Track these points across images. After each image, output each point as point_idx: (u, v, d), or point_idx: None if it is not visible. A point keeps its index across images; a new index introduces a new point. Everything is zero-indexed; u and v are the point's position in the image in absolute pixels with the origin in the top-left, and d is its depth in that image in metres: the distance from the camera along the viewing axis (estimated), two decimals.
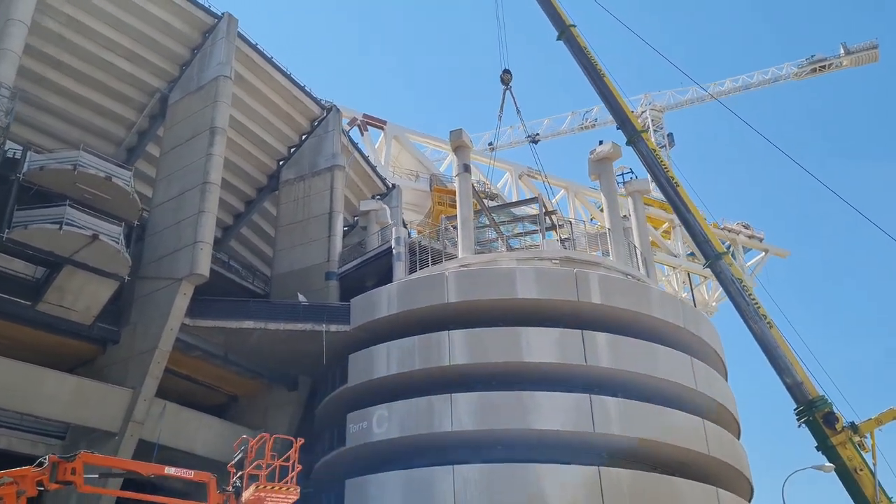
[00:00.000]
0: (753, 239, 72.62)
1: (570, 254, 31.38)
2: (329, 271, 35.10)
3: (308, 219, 37.09)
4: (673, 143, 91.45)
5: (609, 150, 35.22)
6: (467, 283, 28.46)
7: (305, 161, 38.96)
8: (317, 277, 35.08)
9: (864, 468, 28.80)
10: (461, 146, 34.04)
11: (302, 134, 39.75)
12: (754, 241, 72.75)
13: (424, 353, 27.56)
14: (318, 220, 36.79)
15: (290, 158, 39.55)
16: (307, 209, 37.43)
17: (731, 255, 70.68)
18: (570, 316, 27.96)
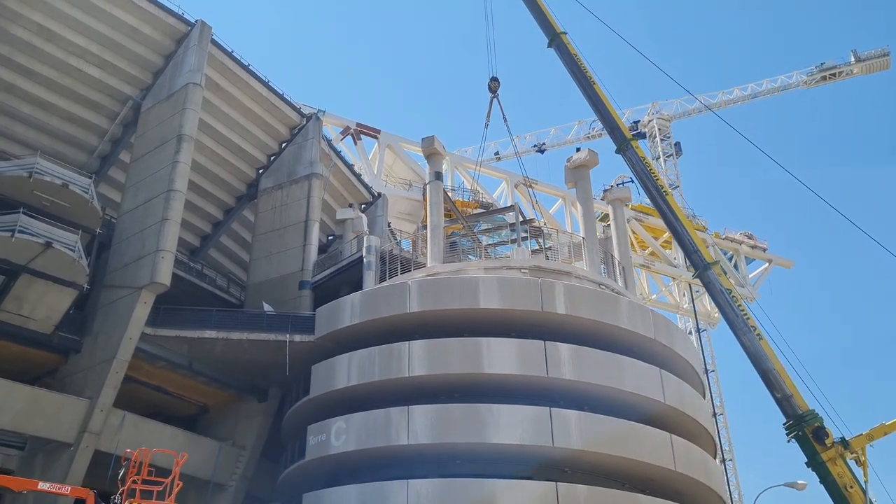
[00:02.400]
0: (756, 249, 71.43)
1: (541, 263, 30.80)
2: (303, 280, 34.97)
3: (285, 227, 36.99)
4: (680, 153, 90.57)
5: (585, 157, 34.76)
6: (430, 292, 28.04)
7: (284, 169, 38.85)
8: (291, 287, 34.95)
9: (854, 485, 27.77)
10: (433, 154, 33.78)
11: (281, 142, 39.65)
12: (757, 252, 71.54)
13: (385, 364, 27.16)
14: (295, 229, 36.68)
15: (270, 167, 39.46)
16: (284, 218, 37.33)
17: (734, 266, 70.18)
18: (533, 326, 27.45)
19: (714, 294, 33.22)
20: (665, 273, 68.34)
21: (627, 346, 28.25)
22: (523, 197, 63.34)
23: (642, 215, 66.85)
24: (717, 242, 69.61)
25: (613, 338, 28.03)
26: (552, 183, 66.75)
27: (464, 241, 38.09)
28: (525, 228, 35.78)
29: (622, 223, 36.45)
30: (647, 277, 69.38)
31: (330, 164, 40.99)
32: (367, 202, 44.74)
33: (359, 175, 47.01)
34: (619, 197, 37.07)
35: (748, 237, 72.21)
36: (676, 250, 66.38)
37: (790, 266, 74.12)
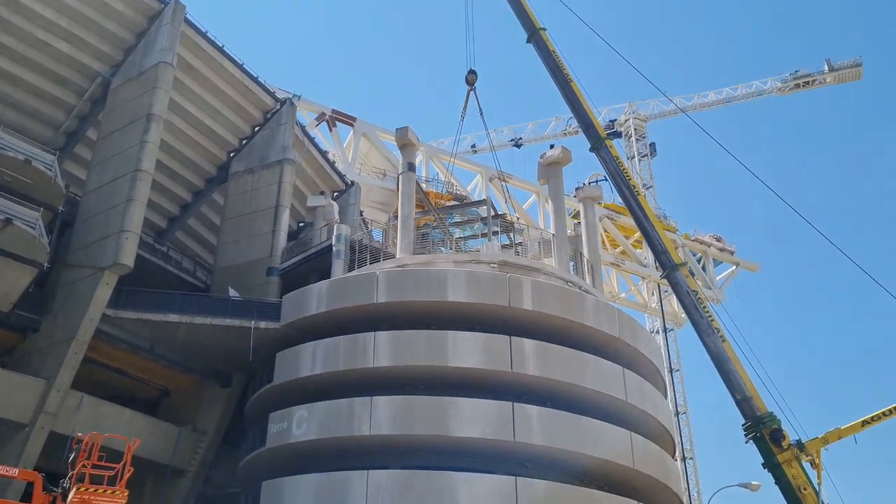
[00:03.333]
0: (724, 252, 72.19)
1: (510, 258, 30.83)
2: (271, 266, 34.79)
3: (254, 212, 36.63)
4: (654, 153, 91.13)
5: (559, 154, 34.89)
6: (397, 283, 27.98)
7: (256, 153, 38.47)
8: (259, 272, 34.74)
9: (808, 487, 28.30)
10: (407, 144, 33.68)
11: (254, 126, 39.25)
12: (725, 255, 72.32)
13: (349, 354, 27.06)
14: (264, 215, 36.32)
15: (241, 150, 39.05)
16: (254, 202, 37.00)
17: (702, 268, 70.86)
18: (500, 321, 27.52)
19: (681, 295, 33.58)
20: (635, 272, 68.86)
21: (592, 344, 28.44)
22: (497, 191, 63.37)
23: (614, 214, 67.23)
24: (687, 244, 70.29)
25: (579, 335, 28.20)
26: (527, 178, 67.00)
27: (435, 233, 38.06)
28: (497, 223, 35.76)
29: (593, 221, 36.64)
30: (617, 276, 69.88)
31: (303, 150, 40.69)
32: (339, 190, 44.39)
33: (332, 162, 46.68)
34: (591, 195, 37.25)
35: (717, 240, 72.97)
36: (646, 250, 66.98)
37: (756, 269, 75.07)
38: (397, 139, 34.04)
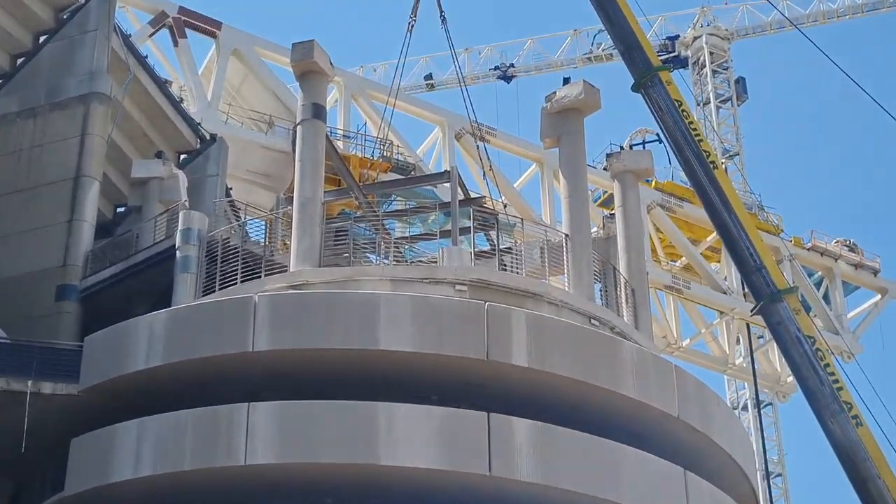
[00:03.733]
0: (862, 270, 73.70)
1: (491, 276, 31.21)
2: (65, 284, 35.31)
3: (36, 188, 37.42)
4: (745, 97, 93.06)
5: (578, 95, 35.34)
6: (291, 317, 28.23)
7: (40, 83, 39.10)
8: (44, 293, 35.33)
9: None
10: (311, 72, 33.90)
11: (38, 34, 40.23)
12: (863, 275, 73.91)
13: (204, 443, 27.17)
14: (54, 192, 37.11)
15: (13, 77, 39.85)
16: (36, 171, 37.76)
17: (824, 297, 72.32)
18: (472, 387, 27.82)
19: (786, 344, 34.37)
20: (707, 303, 69.97)
21: (632, 428, 28.79)
22: (470, 157, 63.79)
23: (673, 201, 68.13)
24: (799, 255, 71.79)
25: (608, 412, 28.57)
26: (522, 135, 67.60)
27: (360, 230, 38.15)
28: (468, 213, 35.99)
29: (636, 213, 37.27)
30: (676, 309, 70.95)
31: (127, 77, 40.86)
32: (190, 151, 45.12)
33: (179, 101, 46.58)
34: (635, 168, 37.82)
35: (850, 248, 74.39)
36: (728, 264, 68.02)
37: None
38: (294, 62, 34.21)
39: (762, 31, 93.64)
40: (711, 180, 35.91)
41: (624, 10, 38.13)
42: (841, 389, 33.20)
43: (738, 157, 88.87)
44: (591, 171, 52.15)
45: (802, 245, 73.10)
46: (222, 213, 41.82)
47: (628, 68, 37.78)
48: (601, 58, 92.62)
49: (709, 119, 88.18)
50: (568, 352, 28.64)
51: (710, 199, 35.98)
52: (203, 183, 43.38)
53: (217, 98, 58.00)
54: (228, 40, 59.55)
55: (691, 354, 70.68)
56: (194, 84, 57.23)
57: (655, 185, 68.22)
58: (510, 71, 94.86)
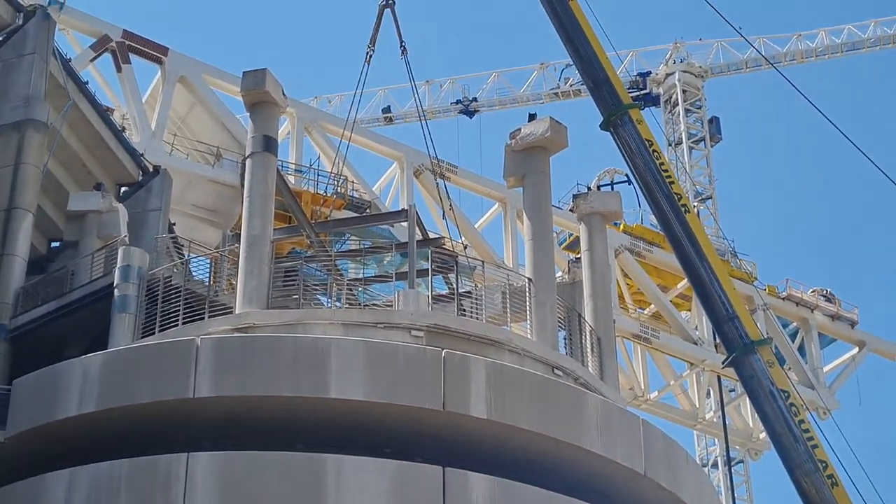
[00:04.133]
0: (839, 321, 74.30)
1: (449, 322, 31.16)
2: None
3: None
4: (719, 138, 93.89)
5: (544, 132, 35.38)
6: (234, 363, 27.97)
7: None
8: None
9: None
10: (263, 102, 33.76)
11: None
12: (840, 326, 74.53)
13: (140, 496, 26.81)
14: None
15: None
16: None
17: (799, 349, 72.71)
18: (428, 439, 27.67)
19: (759, 398, 34.58)
20: (677, 354, 70.31)
21: (596, 485, 28.71)
22: (429, 195, 64.01)
23: (642, 245, 68.57)
24: (774, 305, 72.33)
25: (572, 468, 28.46)
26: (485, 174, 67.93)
27: (311, 270, 38.12)
28: (426, 254, 36.03)
29: (603, 257, 37.23)
30: (644, 359, 71.22)
31: (66, 104, 40.73)
32: (131, 183, 44.93)
33: (121, 130, 46.47)
34: (602, 210, 37.81)
35: (827, 298, 75.02)
36: (699, 313, 68.34)
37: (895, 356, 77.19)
38: (245, 92, 34.08)
39: (737, 70, 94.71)
40: (682, 224, 36.13)
41: (593, 44, 38.46)
42: (816, 447, 33.37)
43: (710, 200, 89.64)
44: (557, 213, 52.44)
45: (777, 294, 73.68)
46: (164, 249, 41.59)
47: (597, 105, 38.03)
48: (569, 94, 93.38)
49: (681, 160, 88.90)
50: (529, 403, 28.47)
51: (680, 245, 36.20)
52: (144, 217, 43.22)
53: (161, 128, 57.92)
54: (175, 67, 59.56)
55: (659, 408, 70.89)
56: (138, 112, 57.13)
57: (624, 229, 68.65)
58: (473, 105, 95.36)
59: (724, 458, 75.67)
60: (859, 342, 75.48)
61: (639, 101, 45.51)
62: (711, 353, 66.59)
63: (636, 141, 37.18)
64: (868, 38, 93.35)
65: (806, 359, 72.87)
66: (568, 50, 39.63)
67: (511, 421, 27.94)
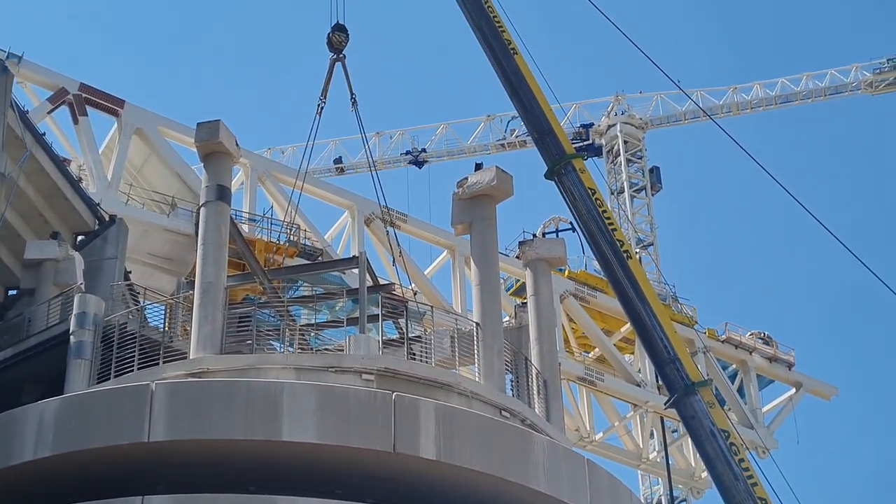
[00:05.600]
0: (777, 363, 75.00)
1: (399, 365, 31.17)
2: None
3: None
4: (659, 186, 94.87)
5: (491, 181, 35.55)
6: (189, 406, 27.82)
7: None
8: None
9: None
10: (216, 153, 33.78)
11: None
12: (778, 368, 75.22)
13: None
14: None
15: None
16: None
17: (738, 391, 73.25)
18: (378, 481, 27.65)
19: (700, 438, 34.76)
20: (621, 396, 70.57)
21: None
22: (379, 242, 64.10)
23: (587, 290, 68.92)
24: (713, 347, 72.85)
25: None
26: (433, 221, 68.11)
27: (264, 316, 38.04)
28: (377, 299, 36.03)
29: (549, 302, 37.31)
30: (589, 401, 71.43)
31: (23, 155, 40.81)
32: (87, 231, 45.08)
33: (77, 180, 46.37)
34: (548, 256, 37.76)
35: (764, 341, 75.66)
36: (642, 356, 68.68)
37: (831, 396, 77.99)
38: (199, 143, 34.04)
39: (676, 121, 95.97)
40: (625, 270, 36.41)
41: (538, 96, 38.84)
42: (756, 485, 33.57)
43: (652, 246, 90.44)
44: (504, 259, 52.59)
45: (717, 337, 74.29)
46: (120, 297, 41.39)
47: (541, 155, 38.35)
48: (514, 144, 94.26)
49: (623, 208, 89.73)
50: (478, 444, 28.47)
51: (623, 290, 36.46)
52: (101, 266, 42.98)
53: (118, 178, 57.83)
54: (131, 119, 59.54)
55: (604, 448, 71.07)
56: (94, 163, 56.99)
57: (569, 275, 69.04)
58: (422, 156, 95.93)
59: (667, 497, 75.93)
60: (796, 383, 76.15)
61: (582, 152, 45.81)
62: (654, 395, 66.92)
63: (579, 189, 37.48)
64: (800, 91, 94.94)
65: (745, 399, 73.36)
66: (514, 102, 39.99)
67: (460, 462, 27.92)
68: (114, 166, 57.69)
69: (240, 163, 51.27)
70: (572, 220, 38.99)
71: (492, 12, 40.21)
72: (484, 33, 39.95)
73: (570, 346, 68.57)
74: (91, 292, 36.41)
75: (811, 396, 77.15)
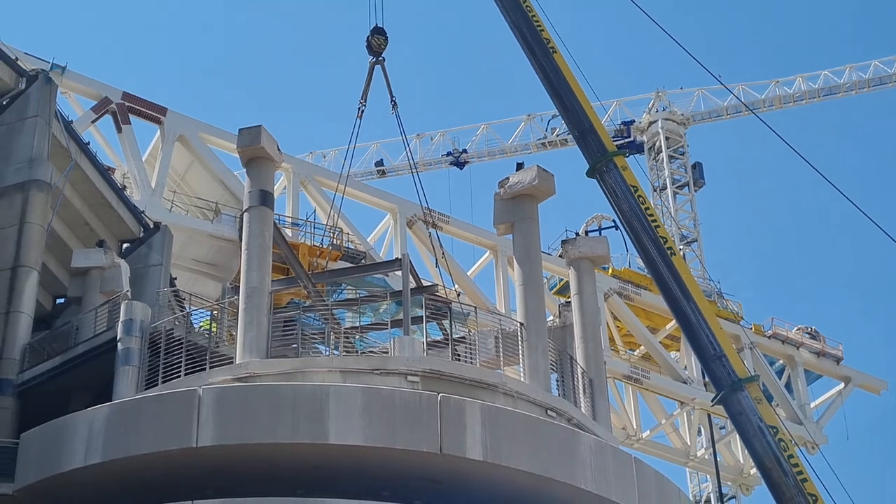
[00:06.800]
0: (825, 358, 74.22)
1: (444, 366, 31.06)
2: (1, 378, 34.98)
3: None
4: (702, 182, 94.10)
5: (532, 180, 35.47)
6: (236, 411, 28.01)
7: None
8: None
9: None
10: (259, 158, 33.85)
11: None
12: (826, 363, 74.44)
13: None
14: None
15: None
16: None
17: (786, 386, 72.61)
18: (425, 483, 27.68)
19: (748, 435, 34.37)
20: (668, 393, 70.12)
21: None
22: (422, 244, 64.04)
23: (631, 288, 68.58)
24: (759, 343, 72.23)
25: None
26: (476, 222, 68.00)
27: (309, 320, 38.10)
28: (421, 301, 36.02)
29: (593, 301, 37.26)
30: (635, 399, 71.06)
31: (68, 164, 40.91)
32: (133, 239, 45.11)
33: (122, 188, 46.58)
34: (591, 255, 37.85)
35: (811, 336, 75.01)
36: (688, 353, 68.25)
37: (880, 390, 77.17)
38: (241, 149, 34.16)
39: (718, 116, 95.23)
40: (669, 267, 36.10)
41: (578, 95, 38.62)
42: (805, 481, 33.17)
43: (696, 243, 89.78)
44: (546, 258, 52.45)
45: (763, 333, 73.64)
46: (166, 303, 41.59)
47: (583, 153, 38.11)
48: (556, 143, 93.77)
49: (665, 205, 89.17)
50: (524, 444, 28.45)
51: (668, 287, 36.14)
52: (146, 272, 43.37)
53: (161, 185, 58.08)
54: (173, 126, 59.82)
55: (651, 446, 70.66)
56: (138, 171, 57.29)
57: (612, 273, 68.75)
58: (463, 157, 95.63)
59: (716, 494, 75.32)
60: (845, 377, 75.46)
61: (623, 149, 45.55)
62: (701, 392, 66.47)
63: (622, 187, 37.21)
64: (844, 83, 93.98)
65: (793, 395, 72.79)
66: (554, 102, 39.80)
67: (507, 462, 27.96)
68: (157, 174, 58.00)
69: (282, 167, 51.46)
70: (615, 217, 38.78)
71: (530, 11, 40.09)
72: (523, 32, 39.83)
73: (615, 345, 68.31)
74: (137, 299, 36.60)
75: (860, 391, 76.47)
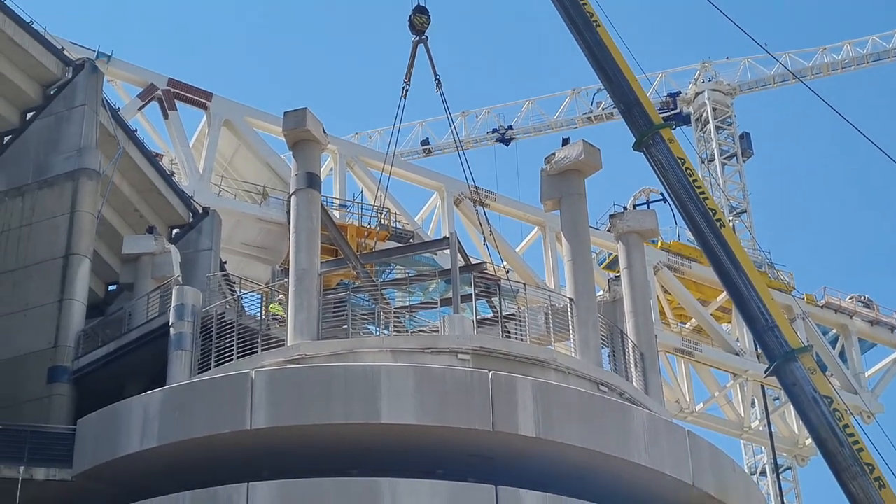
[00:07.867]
0: (879, 326, 73.47)
1: (494, 344, 31.12)
2: (56, 366, 35.30)
3: (25, 268, 37.49)
4: (750, 152, 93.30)
5: (579, 155, 35.32)
6: (289, 393, 28.14)
7: (28, 161, 39.23)
8: (34, 376, 35.36)
9: None
10: (305, 140, 33.92)
11: (25, 111, 40.19)
12: (880, 331, 73.61)
13: None
14: (43, 271, 37.17)
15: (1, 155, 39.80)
16: (25, 250, 37.82)
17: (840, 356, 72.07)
18: (478, 460, 27.75)
19: (803, 405, 34.19)
20: (720, 365, 69.78)
21: (645, 498, 28.77)
22: (469, 222, 64.03)
23: (680, 261, 68.22)
24: (812, 313, 71.65)
25: (620, 481, 28.50)
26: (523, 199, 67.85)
27: (358, 300, 38.23)
28: (469, 279, 36.03)
29: (642, 275, 37.22)
30: (688, 372, 70.74)
31: (116, 152, 41.24)
32: (182, 224, 45.37)
33: (170, 174, 46.80)
34: (639, 228, 37.80)
35: (865, 304, 74.29)
36: (740, 325, 67.88)
37: None
38: (287, 131, 34.28)
39: (765, 85, 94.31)
40: (719, 239, 35.91)
41: (623, 68, 38.42)
42: (861, 451, 32.97)
43: (745, 214, 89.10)
44: (595, 233, 52.24)
45: (815, 302, 73.05)
46: (217, 287, 41.92)
47: (629, 127, 37.95)
48: (601, 117, 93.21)
49: (714, 176, 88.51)
50: (577, 420, 28.53)
51: (718, 259, 35.95)
52: (196, 257, 43.64)
53: (209, 170, 58.35)
54: (219, 111, 60.04)
55: (705, 419, 70.40)
56: (185, 156, 57.57)
57: (661, 246, 68.38)
58: (508, 133, 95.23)
59: (771, 465, 74.96)
60: None
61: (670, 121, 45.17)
62: (754, 363, 66.08)
63: (669, 159, 37.01)
64: (892, 48, 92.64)
65: (847, 364, 72.17)
66: (599, 75, 39.62)
67: (559, 438, 28.04)
68: (205, 159, 58.28)
69: (328, 149, 51.53)
70: (663, 190, 38.51)
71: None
72: (566, 7, 39.60)
73: (665, 318, 68.06)
74: (188, 284, 37.00)
75: None
